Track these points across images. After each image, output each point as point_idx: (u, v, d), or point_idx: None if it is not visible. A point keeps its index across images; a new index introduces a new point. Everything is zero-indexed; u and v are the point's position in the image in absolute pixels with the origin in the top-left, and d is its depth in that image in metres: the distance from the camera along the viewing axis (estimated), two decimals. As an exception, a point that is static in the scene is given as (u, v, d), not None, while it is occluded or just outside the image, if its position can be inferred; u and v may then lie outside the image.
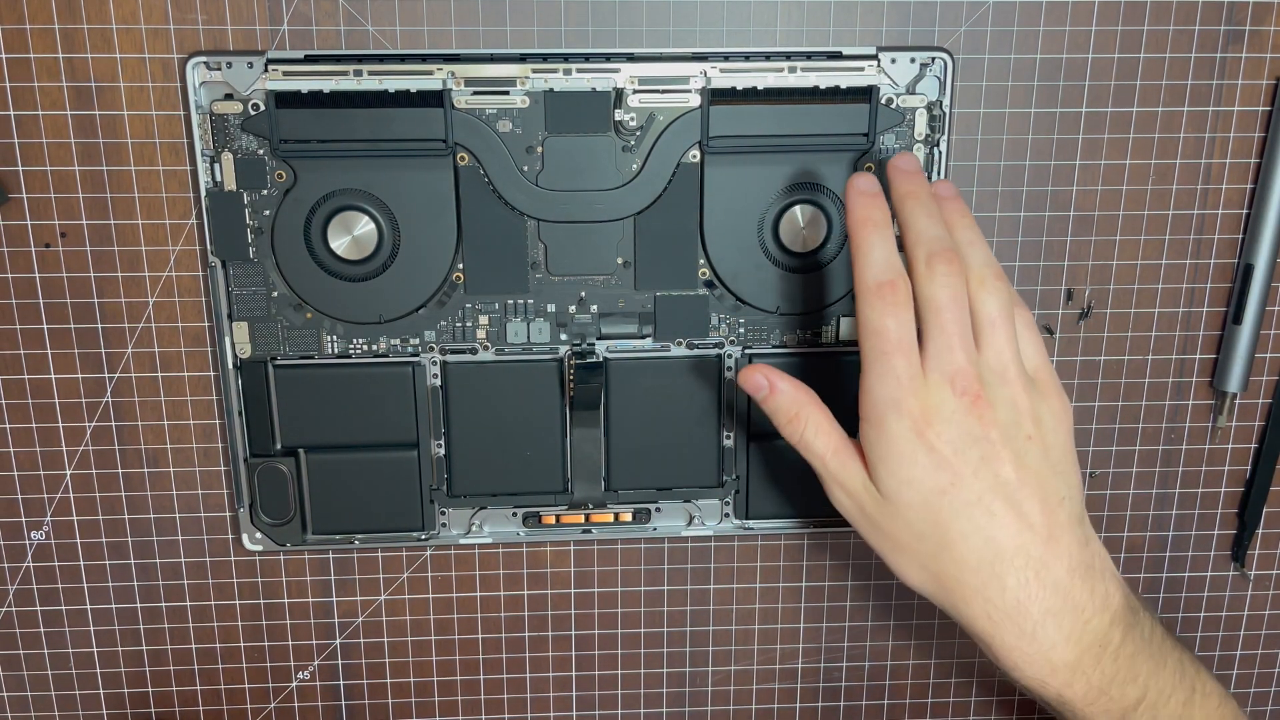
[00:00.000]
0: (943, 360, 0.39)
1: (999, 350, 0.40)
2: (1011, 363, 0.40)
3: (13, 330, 0.50)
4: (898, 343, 0.39)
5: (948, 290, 0.39)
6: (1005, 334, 0.40)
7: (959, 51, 0.49)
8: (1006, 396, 0.40)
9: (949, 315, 0.39)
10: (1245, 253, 0.52)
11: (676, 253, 0.50)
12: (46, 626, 0.54)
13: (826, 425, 0.42)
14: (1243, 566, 0.57)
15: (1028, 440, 0.40)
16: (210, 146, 0.47)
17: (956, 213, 0.42)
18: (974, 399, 0.39)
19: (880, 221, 0.40)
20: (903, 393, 0.39)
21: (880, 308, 0.39)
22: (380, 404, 0.51)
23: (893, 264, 0.40)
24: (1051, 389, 0.42)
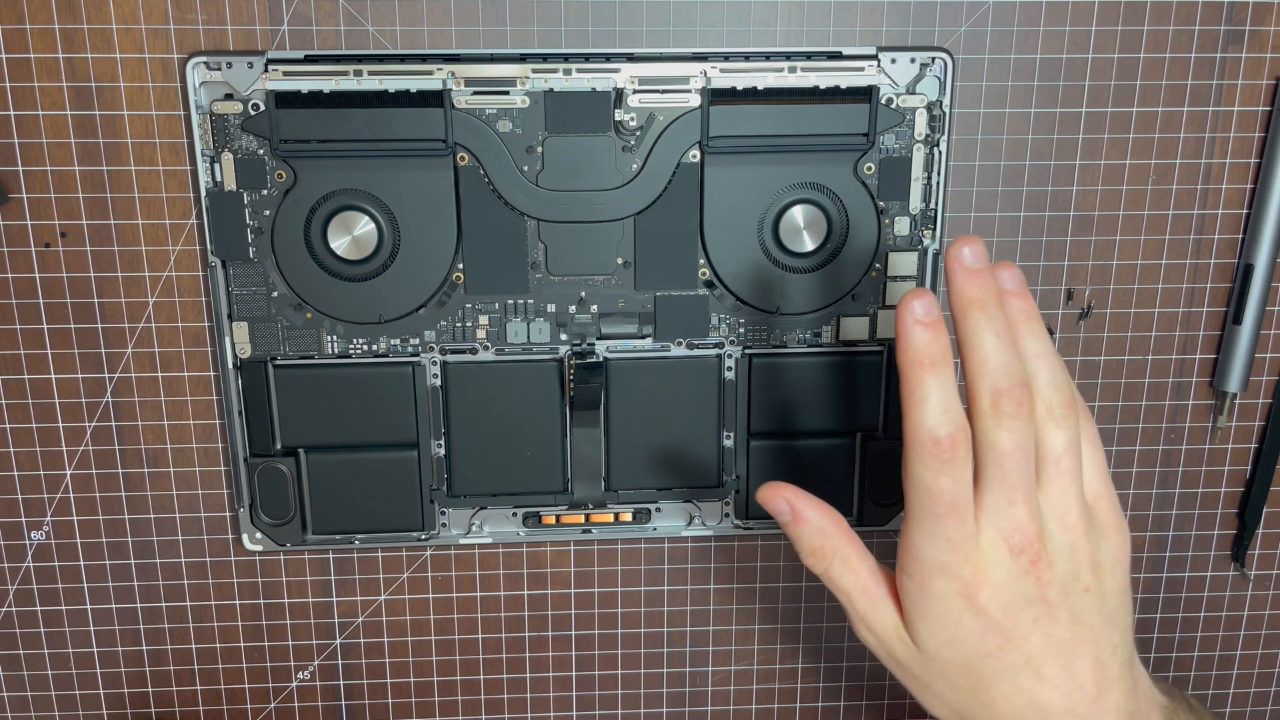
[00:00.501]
0: (1000, 515, 0.36)
1: (1062, 491, 0.36)
2: (1075, 506, 0.36)
3: (13, 330, 0.50)
4: (953, 504, 0.35)
5: (1015, 437, 0.35)
6: (1071, 473, 0.36)
7: (959, 51, 0.49)
8: (1066, 545, 0.36)
9: (1012, 465, 0.35)
10: (1245, 253, 0.52)
11: (676, 253, 0.50)
12: (46, 626, 0.54)
13: (855, 562, 0.39)
14: (1243, 566, 0.57)
15: (1085, 593, 0.37)
16: (210, 146, 0.47)
17: (1023, 314, 0.37)
18: (1033, 560, 0.36)
19: (940, 360, 0.35)
20: (954, 557, 0.36)
21: (936, 467, 0.35)
22: (380, 404, 0.51)
23: (953, 415, 0.35)
24: (1112, 522, 0.38)
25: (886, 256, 0.50)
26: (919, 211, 0.50)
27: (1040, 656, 0.36)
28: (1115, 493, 0.39)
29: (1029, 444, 0.35)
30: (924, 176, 0.49)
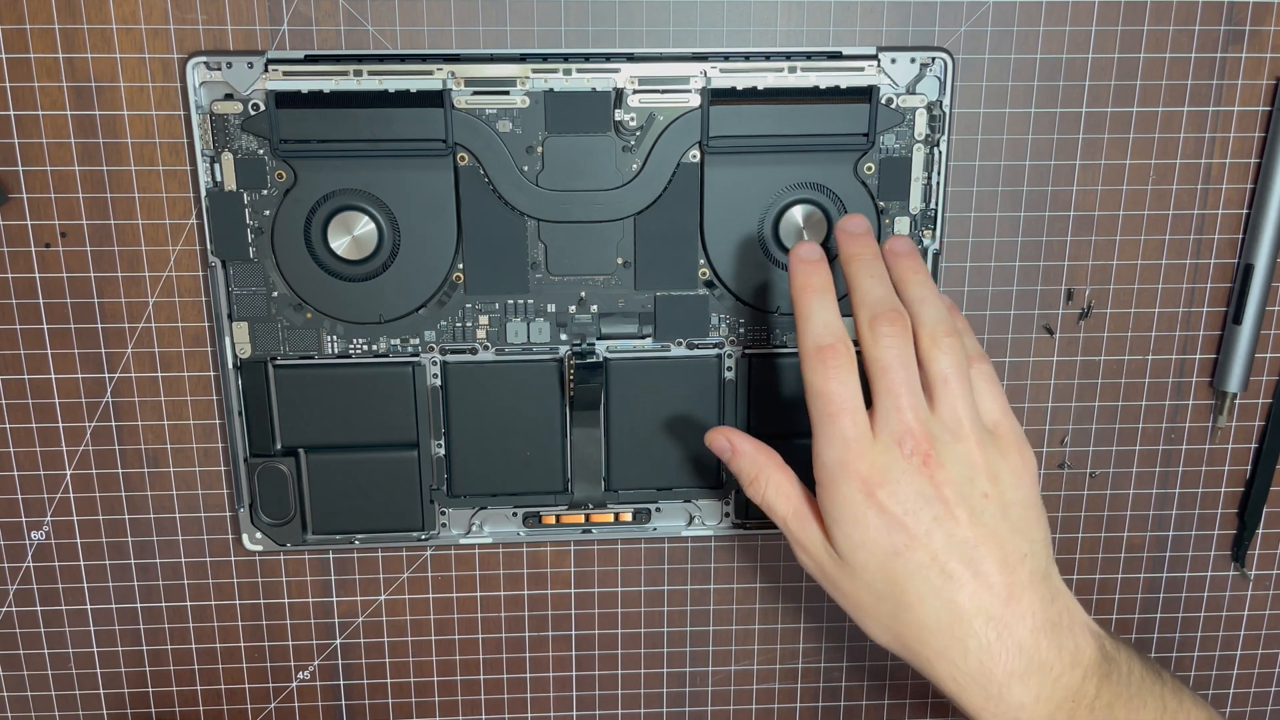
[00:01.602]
0: (890, 420, 0.39)
1: (951, 406, 0.40)
2: (966, 418, 0.40)
3: (13, 330, 0.50)
4: (841, 405, 0.39)
5: (892, 350, 0.39)
6: (958, 390, 0.40)
7: (959, 51, 0.49)
8: (960, 454, 0.39)
9: (896, 376, 0.39)
10: (1245, 253, 0.52)
11: (676, 253, 0.50)
12: (46, 626, 0.54)
13: (787, 487, 0.43)
14: (1243, 566, 0.57)
15: (984, 498, 0.39)
16: (210, 146, 0.47)
17: (910, 269, 0.42)
18: (924, 458, 0.39)
19: (819, 287, 0.41)
20: (850, 455, 0.39)
21: (822, 371, 0.39)
22: (380, 404, 0.51)
23: (833, 328, 0.40)
24: (1012, 442, 0.41)
25: (886, 256, 0.50)
26: (919, 211, 0.50)
27: (945, 553, 0.39)
28: (1016, 420, 0.42)
29: (908, 359, 0.39)
30: (924, 176, 0.49)
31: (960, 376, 0.40)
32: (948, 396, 0.40)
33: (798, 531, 0.42)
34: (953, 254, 0.51)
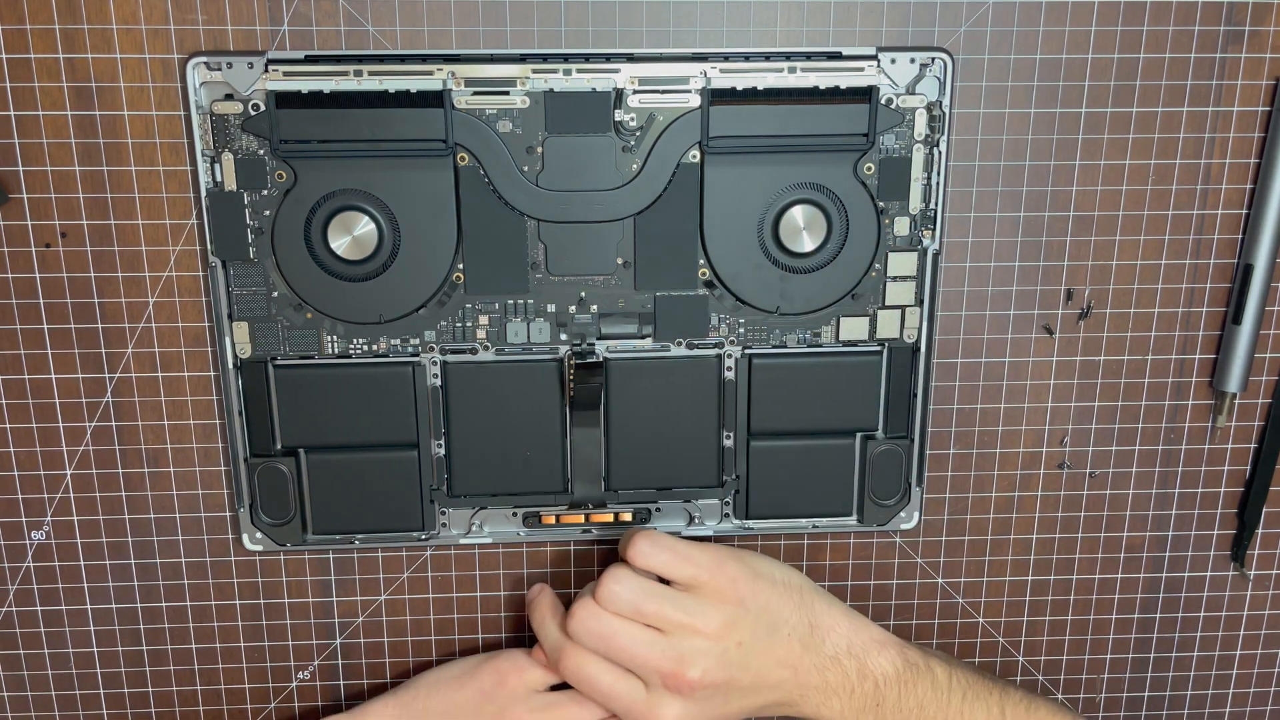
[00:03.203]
0: (651, 679, 0.46)
1: (668, 621, 0.46)
2: (682, 620, 0.46)
3: (13, 330, 0.50)
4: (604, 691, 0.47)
5: (590, 634, 0.46)
6: (658, 610, 0.46)
7: (959, 51, 0.49)
8: (703, 647, 0.46)
9: (623, 651, 0.46)
10: (1245, 253, 0.52)
11: (676, 253, 0.50)
12: (46, 626, 0.54)
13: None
14: (1243, 566, 0.57)
15: (738, 647, 0.47)
16: (210, 146, 0.47)
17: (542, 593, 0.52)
18: (690, 685, 0.46)
19: (539, 619, 0.50)
20: (643, 717, 0.47)
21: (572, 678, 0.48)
22: (380, 404, 0.51)
23: (556, 642, 0.48)
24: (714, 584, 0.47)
25: (886, 256, 0.50)
26: (919, 211, 0.50)
27: (751, 700, 0.47)
28: (680, 546, 0.47)
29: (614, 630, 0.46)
30: (924, 176, 0.49)
31: (647, 595, 0.46)
32: (656, 619, 0.46)
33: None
34: (953, 254, 0.51)
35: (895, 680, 0.48)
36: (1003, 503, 0.55)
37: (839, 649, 0.48)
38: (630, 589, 0.46)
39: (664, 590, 0.47)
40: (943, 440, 0.54)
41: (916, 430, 0.53)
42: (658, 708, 0.46)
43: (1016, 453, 0.54)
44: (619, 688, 0.47)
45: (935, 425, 0.54)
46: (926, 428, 0.53)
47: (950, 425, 0.54)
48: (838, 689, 0.48)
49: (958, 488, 0.55)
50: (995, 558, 0.56)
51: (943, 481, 0.55)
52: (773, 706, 0.48)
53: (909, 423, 0.53)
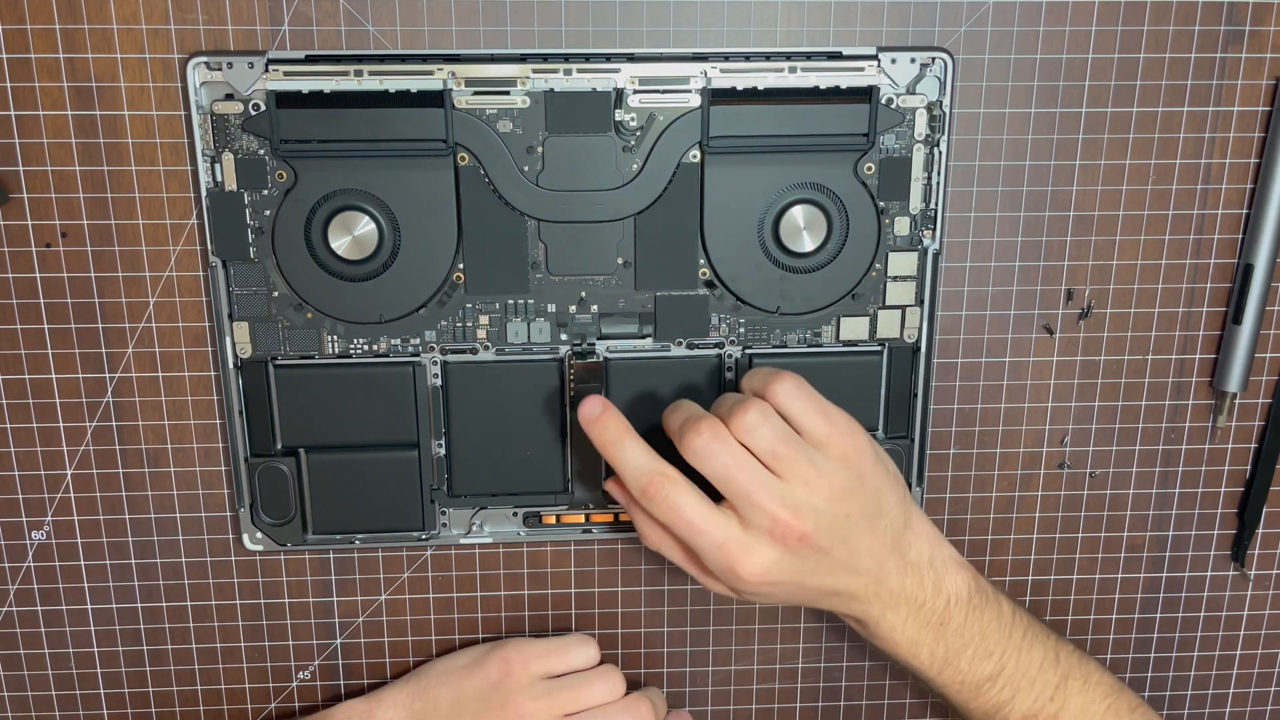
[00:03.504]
0: (753, 517, 0.43)
1: (792, 468, 0.43)
2: (808, 469, 0.43)
3: (13, 330, 0.50)
4: (692, 524, 0.43)
5: (714, 457, 0.43)
6: (788, 452, 0.43)
7: (959, 51, 0.49)
8: (818, 503, 0.43)
9: (733, 477, 0.43)
10: (1245, 253, 0.52)
11: (676, 253, 0.50)
12: (46, 626, 0.54)
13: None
14: (1243, 566, 0.57)
15: (846, 519, 0.44)
16: (211, 146, 0.47)
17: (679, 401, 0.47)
18: (798, 537, 0.43)
19: (613, 438, 0.44)
20: (731, 559, 0.43)
21: (658, 506, 0.43)
22: (380, 404, 0.51)
23: (644, 467, 0.44)
24: (843, 447, 0.44)
25: (886, 256, 0.50)
26: (919, 211, 0.50)
27: (831, 580, 0.45)
28: (835, 415, 0.45)
29: (734, 452, 0.43)
30: (924, 176, 0.49)
31: (784, 439, 0.43)
32: (784, 464, 0.43)
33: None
34: (953, 254, 0.51)
35: (965, 603, 0.47)
36: (1003, 503, 0.55)
37: (921, 558, 0.47)
38: (772, 427, 0.43)
39: (800, 441, 0.44)
40: (943, 440, 0.54)
41: (916, 430, 0.53)
42: (752, 551, 0.43)
43: (1016, 453, 0.54)
44: (713, 521, 0.43)
45: (935, 425, 0.54)
46: (926, 428, 0.53)
47: (950, 425, 0.54)
48: (910, 597, 0.46)
49: (958, 488, 0.55)
50: (995, 558, 0.56)
51: (943, 481, 0.55)
52: (844, 597, 0.46)
53: (909, 423, 0.53)
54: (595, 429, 0.45)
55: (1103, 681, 0.49)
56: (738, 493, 0.43)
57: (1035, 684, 0.48)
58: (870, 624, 0.47)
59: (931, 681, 0.48)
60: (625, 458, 0.44)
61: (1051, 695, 0.48)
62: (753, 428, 0.43)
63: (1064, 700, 0.48)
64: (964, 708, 0.49)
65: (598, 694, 0.50)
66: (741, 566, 0.43)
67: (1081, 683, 0.48)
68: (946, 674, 0.47)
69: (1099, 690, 0.48)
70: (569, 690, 0.50)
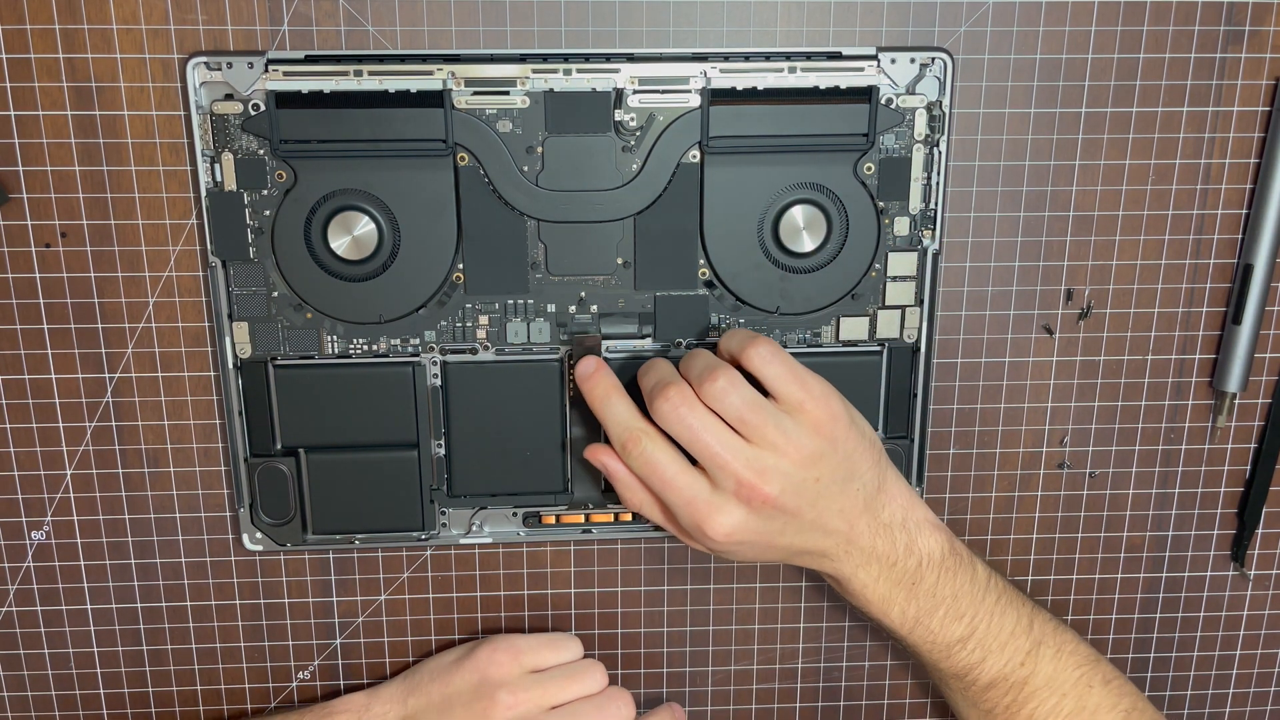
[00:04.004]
0: (721, 478, 0.44)
1: (760, 434, 0.44)
2: (775, 435, 0.44)
3: (13, 330, 0.50)
4: (664, 478, 0.45)
5: (681, 420, 0.44)
6: (756, 418, 0.44)
7: (959, 51, 0.49)
8: (786, 468, 0.44)
9: (700, 438, 0.44)
10: (1245, 253, 0.52)
11: (676, 253, 0.50)
12: (46, 626, 0.54)
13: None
14: (1243, 566, 0.57)
15: (815, 483, 0.45)
16: (210, 146, 0.47)
17: (653, 359, 0.48)
18: (762, 499, 0.44)
19: (602, 394, 0.47)
20: (699, 516, 0.45)
21: (634, 459, 0.45)
22: (380, 404, 0.51)
23: (626, 422, 0.46)
24: (815, 413, 0.45)
25: (886, 256, 0.50)
26: (919, 211, 0.50)
27: (800, 540, 0.46)
28: (808, 379, 0.45)
29: (702, 416, 0.44)
30: (924, 176, 0.49)
31: (752, 405, 0.44)
32: (752, 429, 0.44)
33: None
34: (953, 254, 0.51)
35: (938, 564, 0.48)
36: (1003, 503, 0.55)
37: (894, 519, 0.47)
38: (740, 394, 0.44)
39: (768, 404, 0.45)
40: (943, 440, 0.54)
41: (916, 430, 0.53)
42: (719, 511, 0.45)
43: (1016, 453, 0.54)
44: (683, 479, 0.45)
45: (935, 425, 0.54)
46: (926, 428, 0.53)
47: (950, 425, 0.54)
48: (882, 556, 0.47)
49: (958, 488, 0.55)
50: (995, 558, 0.56)
51: (943, 481, 0.55)
52: (815, 555, 0.47)
53: (909, 423, 0.53)
54: (587, 385, 0.47)
55: (1077, 651, 0.50)
56: (704, 454, 0.44)
57: (1006, 648, 0.49)
58: (843, 581, 0.48)
59: (903, 640, 0.49)
60: (611, 413, 0.46)
61: (1022, 660, 0.49)
62: (721, 394, 0.44)
63: (1034, 666, 0.49)
64: (935, 667, 0.50)
65: (582, 686, 0.51)
66: (708, 524, 0.45)
67: (1054, 650, 0.49)
68: (917, 633, 0.48)
69: (1072, 659, 0.49)
70: (554, 683, 0.51)
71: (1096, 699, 0.49)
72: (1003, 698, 0.49)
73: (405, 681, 0.53)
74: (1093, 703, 0.49)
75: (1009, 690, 0.49)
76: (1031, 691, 0.49)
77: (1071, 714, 0.49)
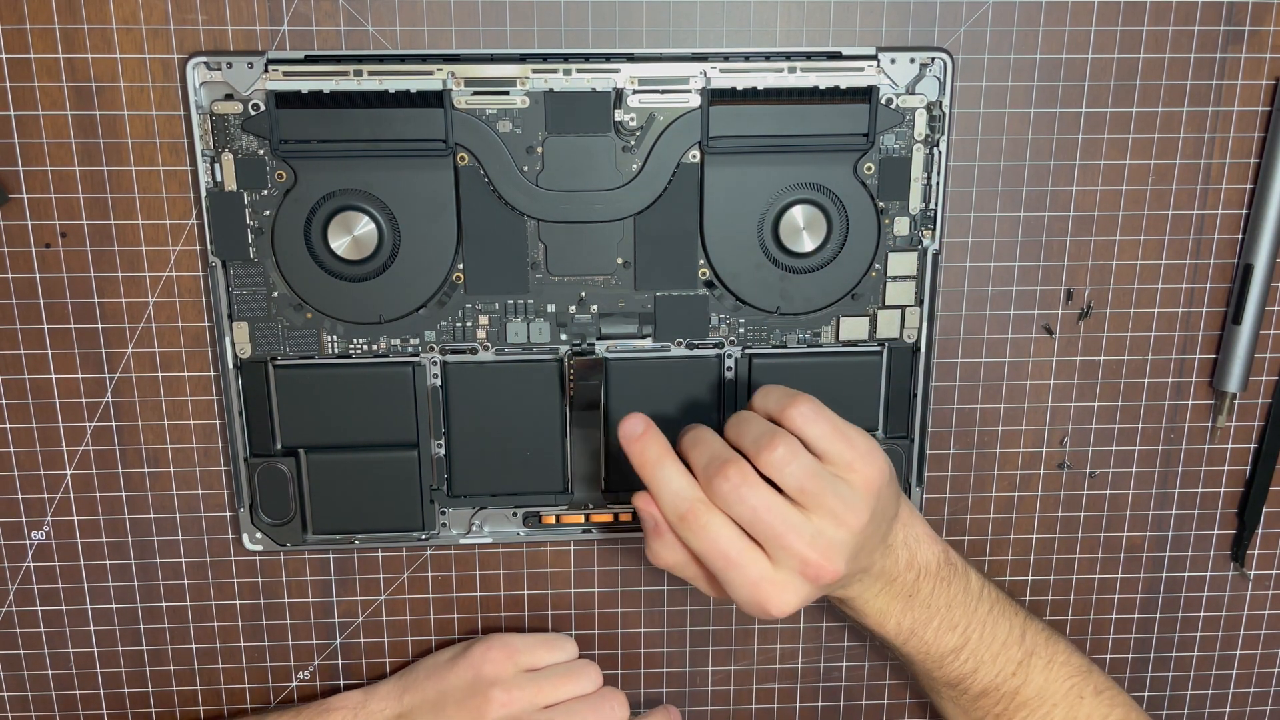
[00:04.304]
0: (783, 558, 0.43)
1: (819, 504, 0.43)
2: (834, 505, 0.43)
3: (13, 330, 0.50)
4: (727, 557, 0.43)
5: (741, 501, 0.42)
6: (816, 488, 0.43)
7: (959, 51, 0.49)
8: (844, 538, 0.43)
9: (762, 519, 0.42)
10: (1245, 253, 0.52)
11: (676, 253, 0.50)
12: (46, 626, 0.54)
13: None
14: (1243, 566, 0.57)
15: (867, 540, 0.44)
16: (210, 147, 0.47)
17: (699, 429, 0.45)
18: (830, 578, 0.43)
19: (655, 459, 0.44)
20: (761, 596, 0.43)
21: (694, 536, 0.43)
22: (380, 404, 0.51)
23: (683, 492, 0.43)
24: (865, 474, 0.44)
25: (886, 256, 0.50)
26: (919, 211, 0.50)
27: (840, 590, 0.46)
28: (840, 423, 0.44)
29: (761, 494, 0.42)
30: (924, 176, 0.49)
31: (812, 475, 0.43)
32: (811, 498, 0.43)
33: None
34: (953, 254, 0.51)
35: (933, 575, 0.48)
36: (1003, 503, 0.55)
37: (898, 539, 0.47)
38: (801, 464, 0.42)
39: (825, 471, 0.43)
40: (943, 440, 0.54)
41: (916, 430, 0.53)
42: (784, 590, 0.43)
43: (1016, 453, 0.54)
44: (747, 558, 0.43)
45: (935, 425, 0.54)
46: (926, 428, 0.53)
47: (950, 425, 0.54)
48: (885, 574, 0.47)
49: (958, 488, 0.55)
50: (995, 558, 0.56)
51: (943, 481, 0.55)
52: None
53: (909, 423, 0.53)
54: (636, 448, 0.44)
55: (1069, 662, 0.50)
56: (767, 535, 0.43)
57: (999, 659, 0.49)
58: (846, 599, 0.48)
59: (897, 650, 0.49)
60: (665, 482, 0.44)
61: (1014, 670, 0.49)
62: (782, 465, 0.42)
63: (1026, 676, 0.49)
64: (928, 677, 0.50)
65: (576, 686, 0.51)
66: (773, 604, 0.43)
67: (1046, 661, 0.49)
68: (912, 644, 0.48)
69: (1064, 670, 0.49)
70: (548, 682, 0.51)
71: (1087, 709, 0.49)
72: (993, 707, 0.49)
73: (401, 679, 0.53)
74: (1083, 713, 0.49)
75: (1000, 700, 0.49)
76: (1022, 701, 0.49)
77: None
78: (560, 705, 0.51)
